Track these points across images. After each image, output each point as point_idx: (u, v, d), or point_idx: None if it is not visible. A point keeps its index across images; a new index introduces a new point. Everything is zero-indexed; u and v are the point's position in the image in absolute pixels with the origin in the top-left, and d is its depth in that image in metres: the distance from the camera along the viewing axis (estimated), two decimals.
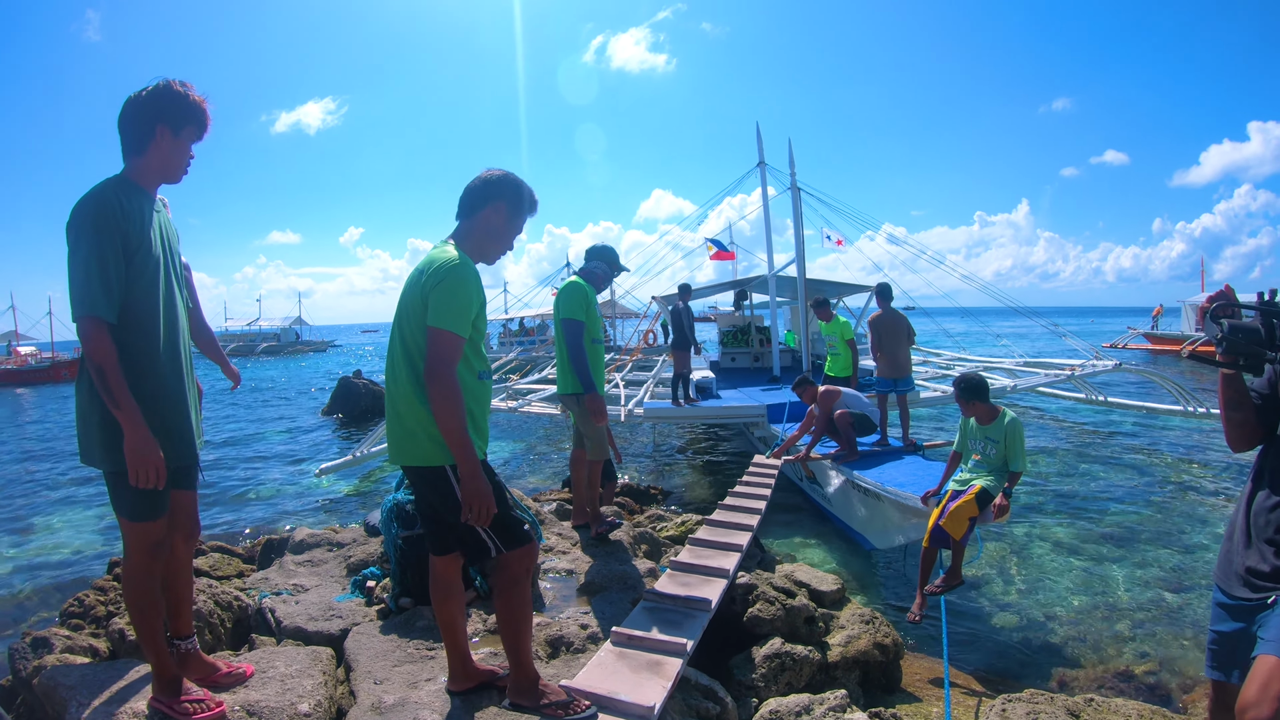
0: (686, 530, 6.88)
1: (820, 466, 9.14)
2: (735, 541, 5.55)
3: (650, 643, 3.92)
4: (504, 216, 3.19)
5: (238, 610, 4.63)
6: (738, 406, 12.59)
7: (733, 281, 19.33)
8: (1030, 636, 6.53)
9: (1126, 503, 10.80)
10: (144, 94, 2.89)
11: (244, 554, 6.94)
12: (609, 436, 6.22)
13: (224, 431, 20.92)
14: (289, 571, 5.59)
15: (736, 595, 5.08)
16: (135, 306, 2.84)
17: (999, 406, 6.03)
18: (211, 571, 6.18)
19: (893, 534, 7.62)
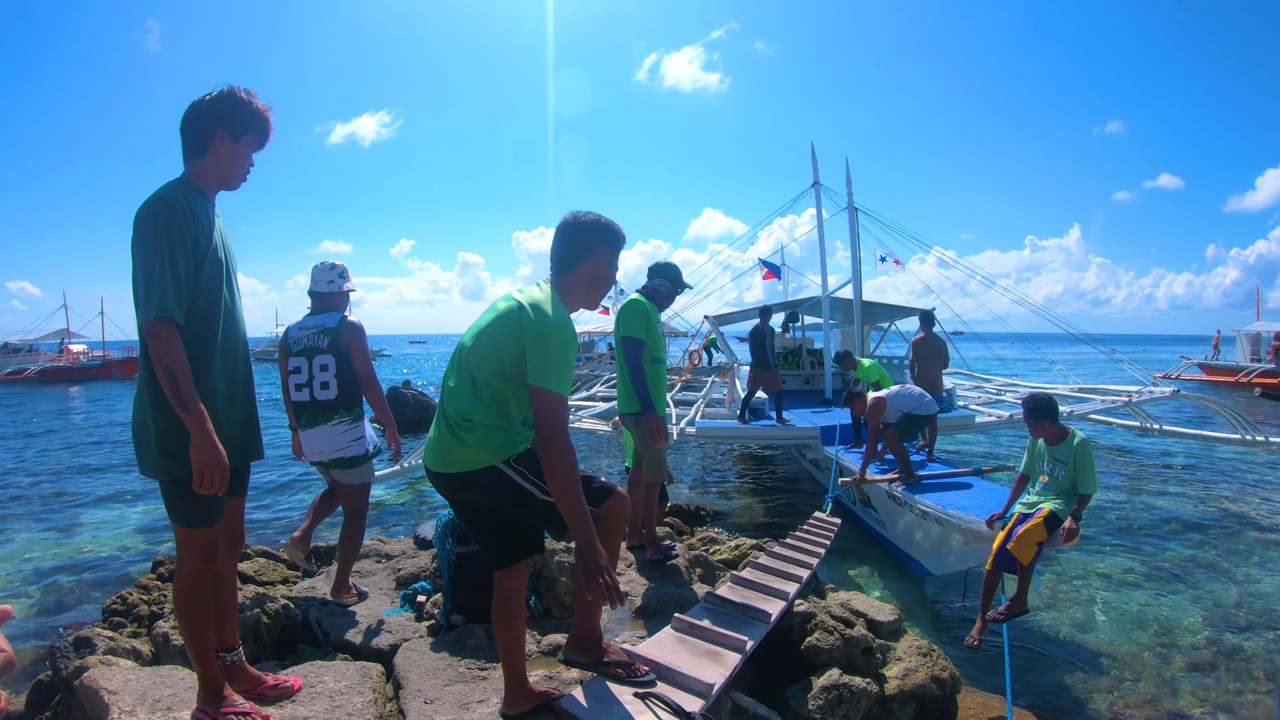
0: (740, 554, 6.74)
1: (876, 490, 8.90)
2: (795, 572, 5.41)
3: (711, 634, 3.87)
4: (605, 263, 3.13)
5: (285, 619, 4.56)
6: (791, 428, 12.38)
7: (784, 303, 19.12)
8: (1085, 672, 6.30)
9: (1184, 535, 10.48)
10: (208, 98, 2.88)
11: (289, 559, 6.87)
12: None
13: (271, 435, 20.99)
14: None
15: (794, 623, 4.91)
16: (197, 310, 2.81)
17: (1068, 427, 5.88)
18: (257, 577, 6.13)
19: (953, 559, 7.42)
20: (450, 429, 2.92)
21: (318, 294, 5.11)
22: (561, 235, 3.09)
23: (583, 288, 3.10)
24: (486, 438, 2.86)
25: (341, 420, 4.87)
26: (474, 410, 2.88)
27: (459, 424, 2.89)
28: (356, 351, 4.88)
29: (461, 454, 2.89)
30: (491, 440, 2.87)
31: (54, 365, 47.25)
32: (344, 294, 5.17)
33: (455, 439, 2.90)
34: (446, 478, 2.96)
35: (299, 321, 5.06)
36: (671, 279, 5.85)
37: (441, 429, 2.97)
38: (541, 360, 2.79)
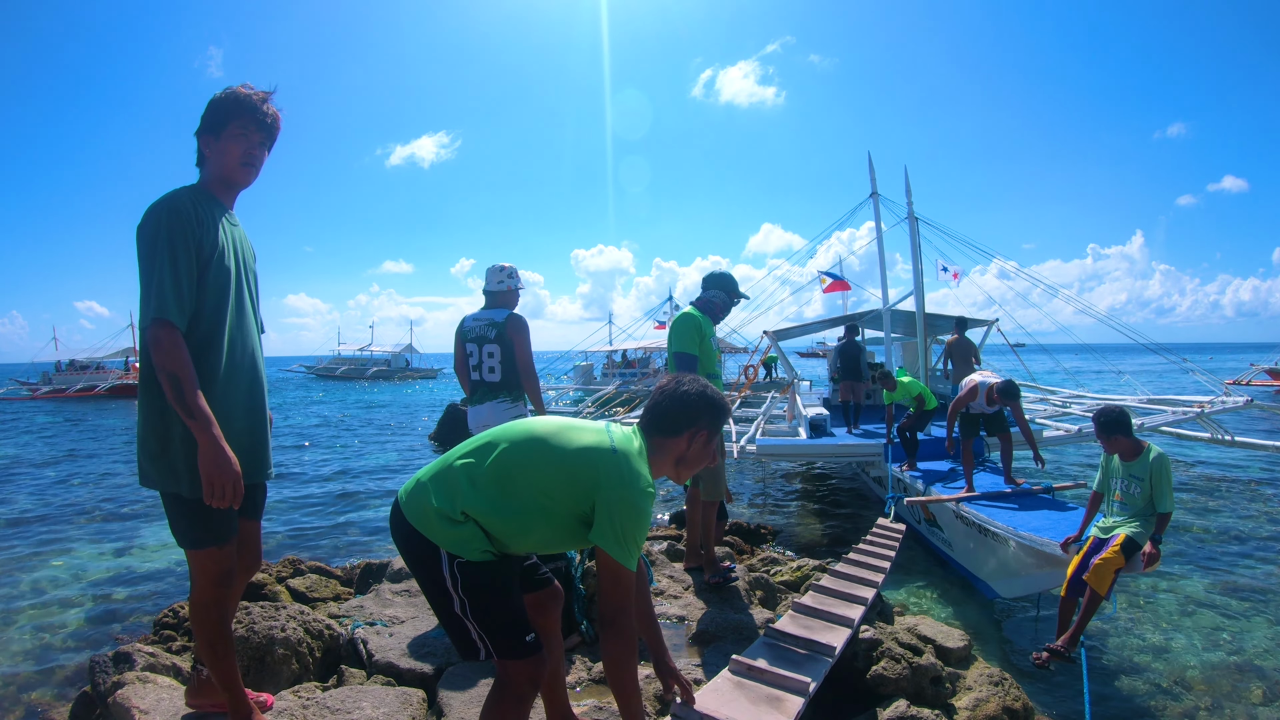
0: (801, 576, 6.53)
1: (942, 509, 8.58)
2: (859, 594, 5.17)
3: (771, 676, 3.63)
4: (702, 444, 2.81)
5: (328, 639, 4.42)
6: (854, 445, 12.12)
7: (843, 316, 18.86)
8: (1159, 699, 5.99)
9: (1261, 553, 10.03)
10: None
11: (343, 576, 6.81)
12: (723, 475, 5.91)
13: (336, 450, 21.27)
14: (385, 600, 5.35)
15: (859, 650, 4.70)
16: (202, 317, 2.75)
17: (1144, 441, 5.66)
18: (308, 593, 6.09)
19: (1024, 583, 7.10)
20: (435, 493, 2.56)
21: (490, 292, 5.58)
22: (665, 398, 2.79)
23: (671, 461, 2.79)
24: (456, 527, 2.51)
25: (504, 400, 5.37)
26: (473, 506, 2.50)
27: (447, 502, 2.52)
28: (519, 344, 5.35)
29: (425, 512, 2.54)
30: (459, 532, 2.50)
31: (121, 383, 48.48)
32: (513, 292, 5.60)
33: (425, 498, 2.56)
34: (405, 523, 2.60)
35: (474, 314, 5.55)
36: (726, 289, 5.70)
37: (430, 481, 2.61)
38: (613, 524, 2.48)
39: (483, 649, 2.55)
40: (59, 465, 18.98)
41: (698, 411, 2.75)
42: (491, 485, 2.52)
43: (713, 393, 2.80)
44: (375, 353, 79.08)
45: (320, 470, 17.80)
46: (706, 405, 2.76)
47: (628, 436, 2.68)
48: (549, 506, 2.53)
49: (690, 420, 2.74)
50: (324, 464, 18.79)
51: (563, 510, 2.54)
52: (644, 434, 2.76)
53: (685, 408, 2.74)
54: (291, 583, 6.28)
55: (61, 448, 22.72)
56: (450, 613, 2.53)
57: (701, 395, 2.76)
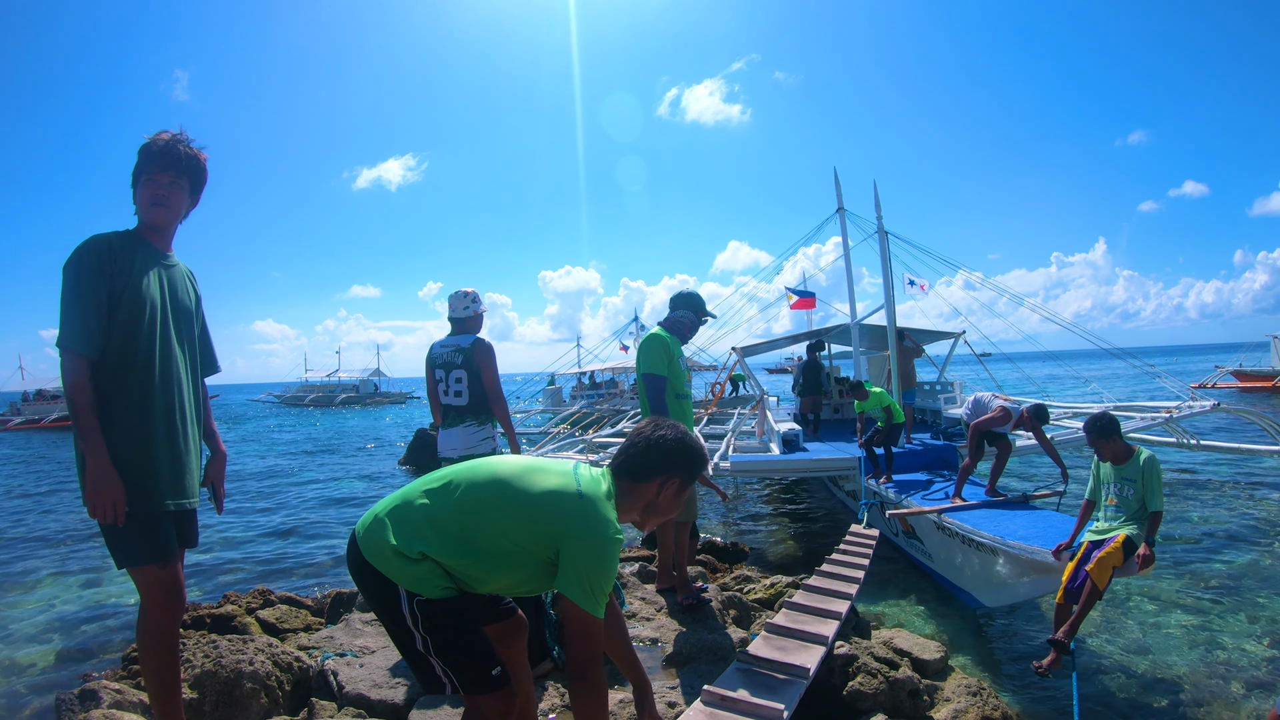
0: (775, 593, 6.52)
1: (923, 520, 8.58)
2: (833, 609, 5.13)
3: (744, 705, 3.59)
4: (674, 492, 2.72)
5: (298, 672, 4.36)
6: (828, 459, 12.10)
7: (811, 331, 18.93)
8: (1140, 700, 6.04)
9: (1232, 551, 10.18)
10: None
11: (314, 606, 6.73)
12: (708, 480, 5.91)
13: (302, 478, 21.10)
14: (355, 630, 5.28)
15: (835, 666, 4.71)
16: (113, 348, 2.90)
17: (1134, 444, 5.74)
18: (278, 625, 6.02)
19: (1012, 592, 7.10)
20: (394, 530, 2.49)
21: (455, 319, 5.64)
22: (641, 440, 2.71)
23: (639, 508, 2.71)
24: (413, 565, 2.46)
25: (471, 423, 5.42)
26: (433, 549, 2.45)
27: (405, 542, 2.46)
28: (485, 368, 5.43)
29: (382, 550, 2.48)
30: (416, 570, 2.46)
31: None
32: (477, 317, 5.67)
33: (384, 532, 2.50)
34: (361, 559, 2.54)
35: (441, 340, 5.64)
36: (693, 309, 5.69)
37: (388, 517, 2.55)
38: (579, 573, 2.41)
39: (448, 684, 2.52)
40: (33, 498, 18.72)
41: (671, 459, 2.66)
42: (453, 529, 2.47)
43: (691, 441, 2.73)
44: (343, 379, 78.54)
45: (290, 498, 17.64)
46: (681, 452, 2.68)
47: (595, 480, 2.61)
48: (512, 552, 2.49)
49: (663, 467, 2.66)
50: (294, 492, 18.61)
51: (526, 557, 2.49)
52: (614, 476, 2.68)
53: (659, 453, 2.66)
54: (262, 614, 6.22)
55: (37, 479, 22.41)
56: (413, 649, 2.51)
57: (679, 442, 2.69)
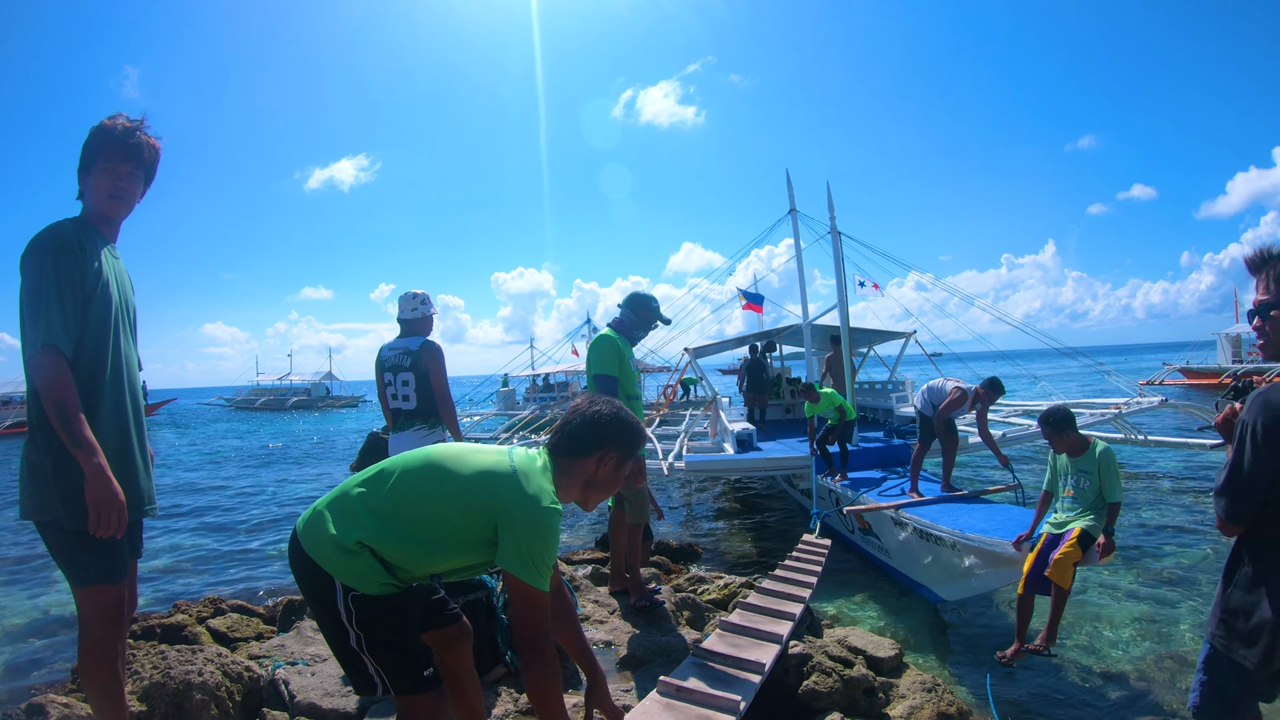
0: (729, 593, 6.54)
1: (880, 516, 8.67)
2: (787, 610, 5.14)
3: (700, 696, 3.59)
4: (612, 468, 2.72)
5: (248, 682, 4.28)
6: (782, 458, 12.16)
7: (763, 332, 19.09)
8: (1096, 691, 6.14)
9: (1180, 543, 10.43)
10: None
11: (265, 614, 6.64)
12: (649, 495, 5.89)
13: (253, 482, 20.86)
14: (307, 638, 5.23)
15: (790, 666, 4.73)
16: (85, 348, 2.72)
17: (1089, 436, 5.83)
18: (229, 634, 5.93)
19: (971, 585, 7.20)
20: (332, 521, 2.48)
21: (405, 320, 5.61)
22: (576, 417, 2.72)
23: (579, 485, 2.71)
24: (352, 558, 2.43)
25: (420, 427, 5.39)
26: (371, 536, 2.44)
27: (343, 532, 2.45)
28: (434, 371, 5.37)
29: (321, 542, 2.46)
30: (354, 564, 2.44)
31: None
32: (427, 319, 5.64)
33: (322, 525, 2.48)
34: (301, 553, 2.51)
35: (390, 343, 5.60)
36: (635, 309, 5.65)
37: (327, 509, 2.54)
38: (518, 546, 2.40)
39: (380, 684, 2.50)
40: None
41: (608, 433, 2.67)
42: (390, 514, 2.46)
43: (626, 415, 2.74)
44: (295, 382, 77.69)
45: (242, 504, 17.47)
46: (618, 427, 2.69)
47: (530, 457, 2.61)
48: (450, 533, 2.48)
49: (600, 441, 2.66)
50: (245, 497, 18.42)
51: (465, 536, 2.48)
52: (551, 454, 2.68)
53: (595, 428, 2.67)
54: (212, 623, 6.12)
55: None
56: (345, 646, 2.49)
57: (614, 417, 2.70)
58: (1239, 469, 2.49)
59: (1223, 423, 2.78)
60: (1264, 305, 2.54)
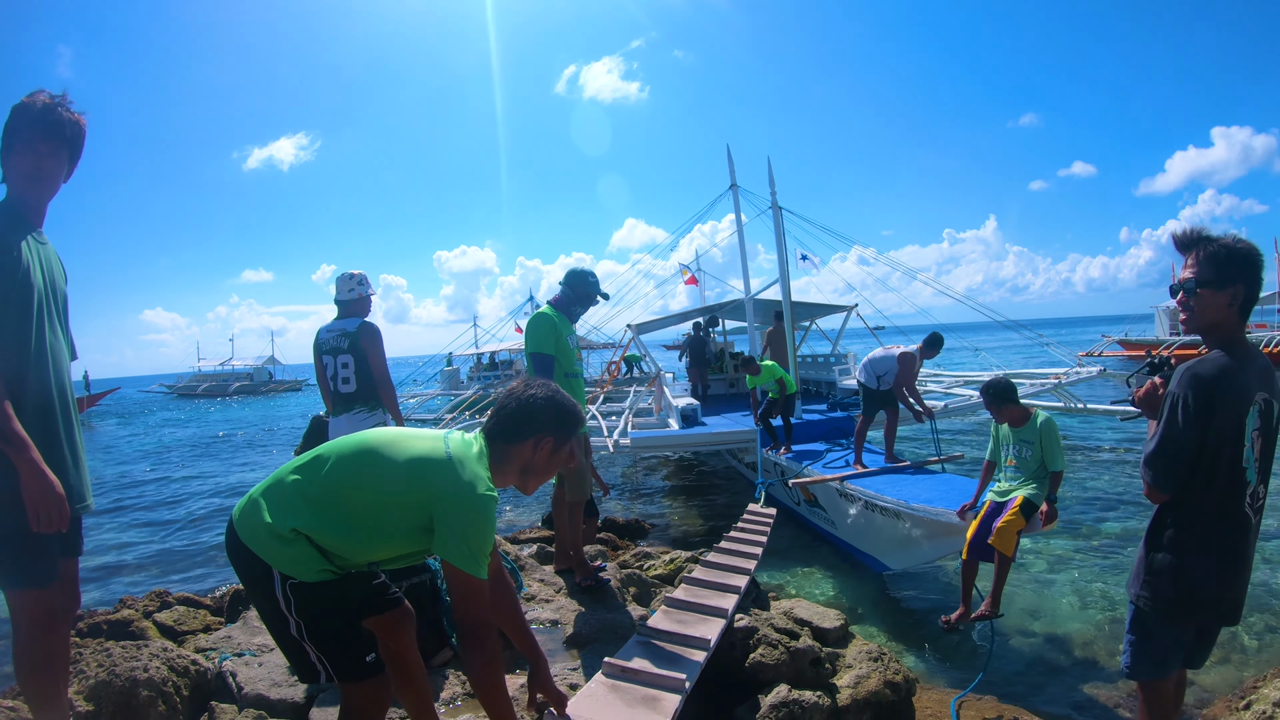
0: (675, 568, 6.59)
1: (826, 488, 8.80)
2: (732, 583, 5.18)
3: (646, 676, 3.59)
4: (549, 452, 2.71)
5: (195, 675, 4.22)
6: (728, 432, 12.24)
7: (706, 307, 19.17)
8: (1039, 656, 6.31)
9: (1120, 510, 10.72)
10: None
11: (212, 605, 6.59)
12: (592, 470, 5.92)
13: (197, 472, 20.59)
14: (253, 629, 5.13)
15: (736, 640, 4.74)
16: (9, 340, 2.59)
17: (1031, 407, 5.90)
18: (176, 627, 5.86)
19: (918, 554, 7.34)
20: (268, 509, 2.46)
21: (342, 302, 5.57)
22: (512, 401, 2.69)
23: (516, 470, 2.69)
24: (288, 546, 2.42)
25: (360, 410, 5.41)
26: (307, 524, 2.42)
27: (279, 519, 2.42)
28: (372, 352, 5.39)
29: (256, 530, 2.44)
30: (291, 551, 2.42)
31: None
32: (365, 299, 5.59)
33: (258, 513, 2.46)
34: (238, 542, 2.49)
35: (328, 325, 5.55)
36: (572, 285, 5.58)
37: (262, 497, 2.51)
38: (454, 534, 2.40)
39: (322, 672, 2.50)
40: None
41: (544, 418, 2.66)
42: (324, 501, 2.45)
43: (563, 399, 2.73)
44: (237, 367, 76.35)
45: (186, 494, 17.24)
46: (554, 412, 2.68)
47: (466, 442, 2.60)
48: (386, 521, 2.47)
49: (536, 426, 2.65)
50: (189, 487, 18.16)
51: (401, 524, 2.48)
52: (487, 439, 2.66)
53: (531, 413, 2.65)
54: (159, 617, 6.05)
55: None
56: (286, 635, 2.48)
57: (550, 401, 2.68)
58: (1169, 439, 2.60)
59: (1145, 397, 2.88)
60: (1189, 282, 2.68)
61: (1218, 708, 5.22)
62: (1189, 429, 2.58)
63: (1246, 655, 6.20)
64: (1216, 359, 2.62)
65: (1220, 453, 2.62)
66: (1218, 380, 2.57)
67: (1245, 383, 2.62)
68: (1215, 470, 2.64)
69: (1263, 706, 4.63)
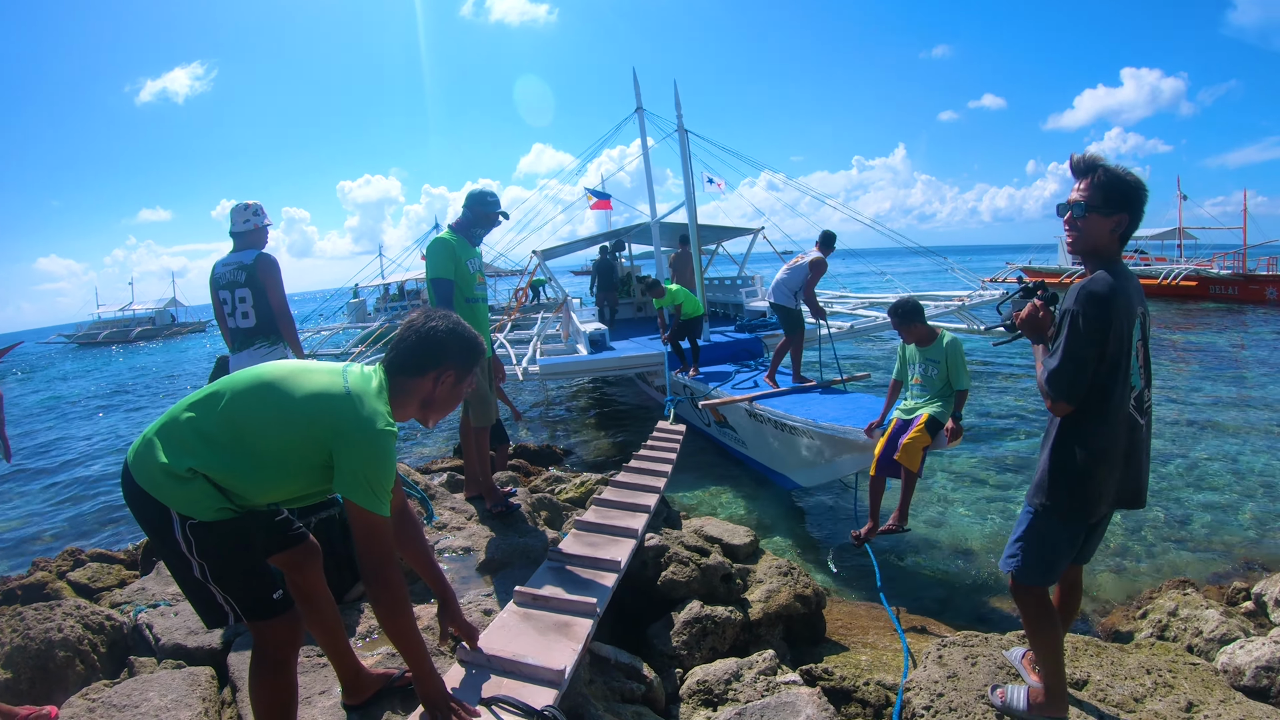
0: (586, 491, 6.69)
1: (735, 409, 8.95)
2: (642, 502, 5.29)
3: (557, 603, 3.66)
4: (449, 386, 2.67)
5: (111, 632, 4.17)
6: (636, 356, 12.38)
7: (612, 231, 19.10)
8: (947, 571, 6.57)
9: (1020, 429, 11.13)
10: None
11: (126, 559, 6.49)
12: (502, 395, 5.93)
13: (104, 425, 20.11)
14: (167, 578, 5.00)
15: (648, 559, 4.88)
16: None
17: (937, 328, 6.04)
18: (91, 584, 5.73)
19: (828, 470, 7.53)
20: (162, 449, 2.39)
21: (237, 234, 5.38)
22: (411, 333, 2.63)
23: (416, 404, 2.65)
24: (184, 485, 2.36)
25: (261, 345, 5.33)
26: (203, 463, 2.37)
27: (174, 459, 2.36)
28: (270, 285, 5.26)
29: (151, 472, 2.38)
30: (188, 491, 2.36)
31: None
32: (261, 230, 5.43)
33: (157, 458, 2.38)
34: (134, 485, 2.42)
35: (223, 259, 5.39)
36: (472, 207, 5.38)
37: (156, 436, 2.44)
38: (354, 472, 2.36)
39: (230, 613, 2.47)
40: None
41: (446, 350, 2.61)
42: (221, 439, 2.39)
43: (463, 330, 2.67)
44: (138, 312, 73.91)
45: (93, 449, 16.76)
46: (456, 344, 2.63)
47: (365, 376, 2.54)
48: (284, 459, 2.42)
49: (437, 359, 2.61)
50: (97, 442, 17.66)
51: (299, 462, 2.43)
52: (387, 373, 2.61)
53: (432, 346, 2.60)
54: (72, 576, 5.94)
55: None
56: (190, 578, 2.43)
57: (451, 333, 2.63)
58: (1072, 355, 2.74)
59: (1028, 319, 3.00)
60: (1078, 205, 2.82)
61: (1115, 617, 5.55)
62: (1090, 343, 2.72)
63: (1140, 565, 6.58)
64: (1105, 278, 2.75)
65: (1117, 363, 2.78)
66: (1111, 297, 2.71)
67: (1129, 298, 2.78)
68: (1112, 378, 2.80)
69: (1158, 615, 4.95)
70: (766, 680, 3.81)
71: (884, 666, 4.19)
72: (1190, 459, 9.56)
